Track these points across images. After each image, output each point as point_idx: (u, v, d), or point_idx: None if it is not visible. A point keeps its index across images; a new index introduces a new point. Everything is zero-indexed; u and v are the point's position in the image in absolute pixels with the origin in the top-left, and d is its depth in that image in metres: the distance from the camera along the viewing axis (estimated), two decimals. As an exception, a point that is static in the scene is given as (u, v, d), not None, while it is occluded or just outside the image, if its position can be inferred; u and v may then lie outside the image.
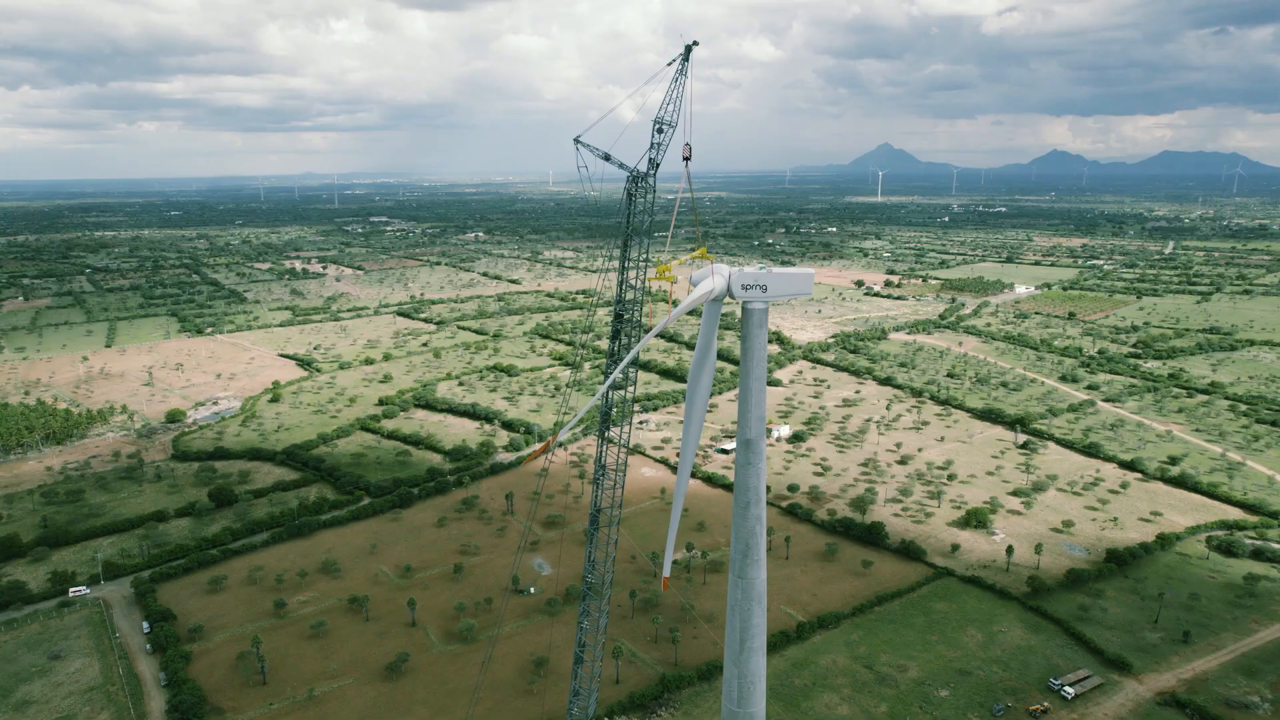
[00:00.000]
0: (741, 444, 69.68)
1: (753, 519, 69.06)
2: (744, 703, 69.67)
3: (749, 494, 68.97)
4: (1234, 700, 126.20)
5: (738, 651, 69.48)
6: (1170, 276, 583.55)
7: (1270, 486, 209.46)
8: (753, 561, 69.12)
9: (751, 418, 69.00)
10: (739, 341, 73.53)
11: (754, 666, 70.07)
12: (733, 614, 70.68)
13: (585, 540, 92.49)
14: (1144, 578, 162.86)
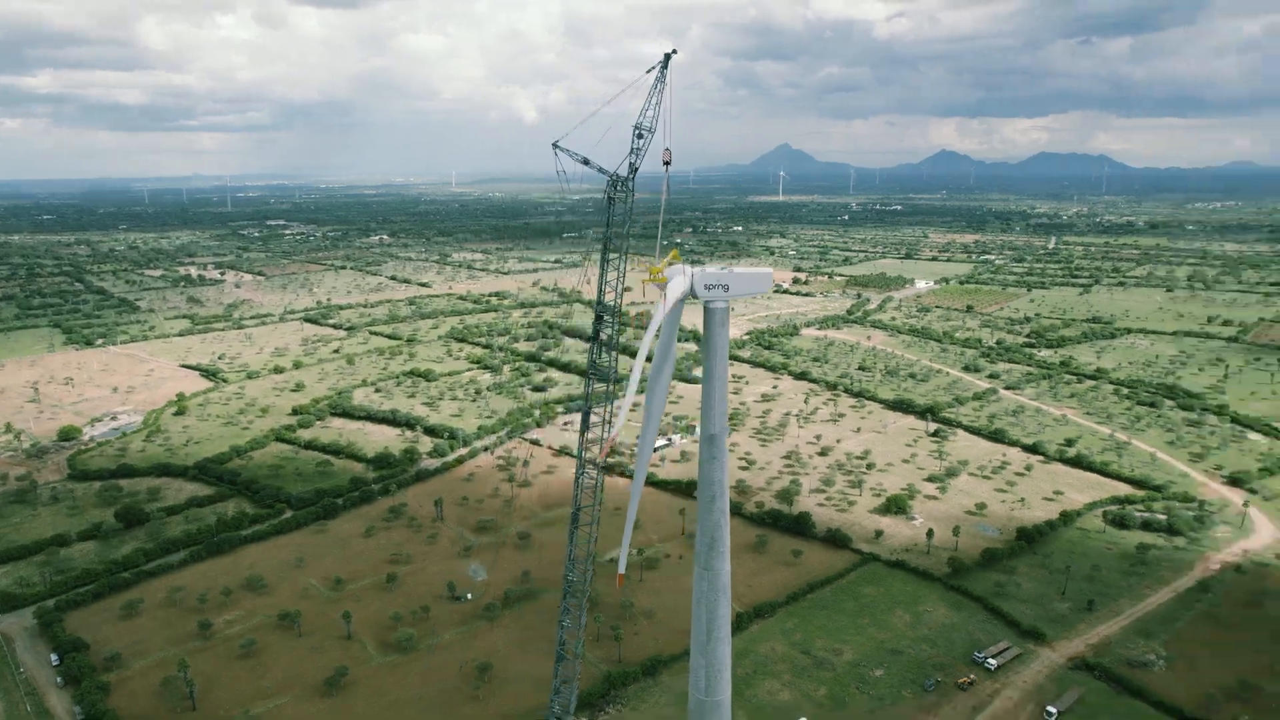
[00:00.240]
0: (705, 439, 71.77)
1: (718, 512, 71.23)
2: (712, 691, 71.76)
3: (714, 488, 71.11)
4: (1134, 660, 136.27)
5: (705, 641, 71.52)
6: (1055, 270, 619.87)
7: (1153, 463, 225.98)
8: (719, 554, 71.31)
9: (715, 413, 71.17)
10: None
11: (721, 655, 72.25)
12: (699, 605, 72.68)
13: (567, 540, 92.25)
14: (1051, 553, 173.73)
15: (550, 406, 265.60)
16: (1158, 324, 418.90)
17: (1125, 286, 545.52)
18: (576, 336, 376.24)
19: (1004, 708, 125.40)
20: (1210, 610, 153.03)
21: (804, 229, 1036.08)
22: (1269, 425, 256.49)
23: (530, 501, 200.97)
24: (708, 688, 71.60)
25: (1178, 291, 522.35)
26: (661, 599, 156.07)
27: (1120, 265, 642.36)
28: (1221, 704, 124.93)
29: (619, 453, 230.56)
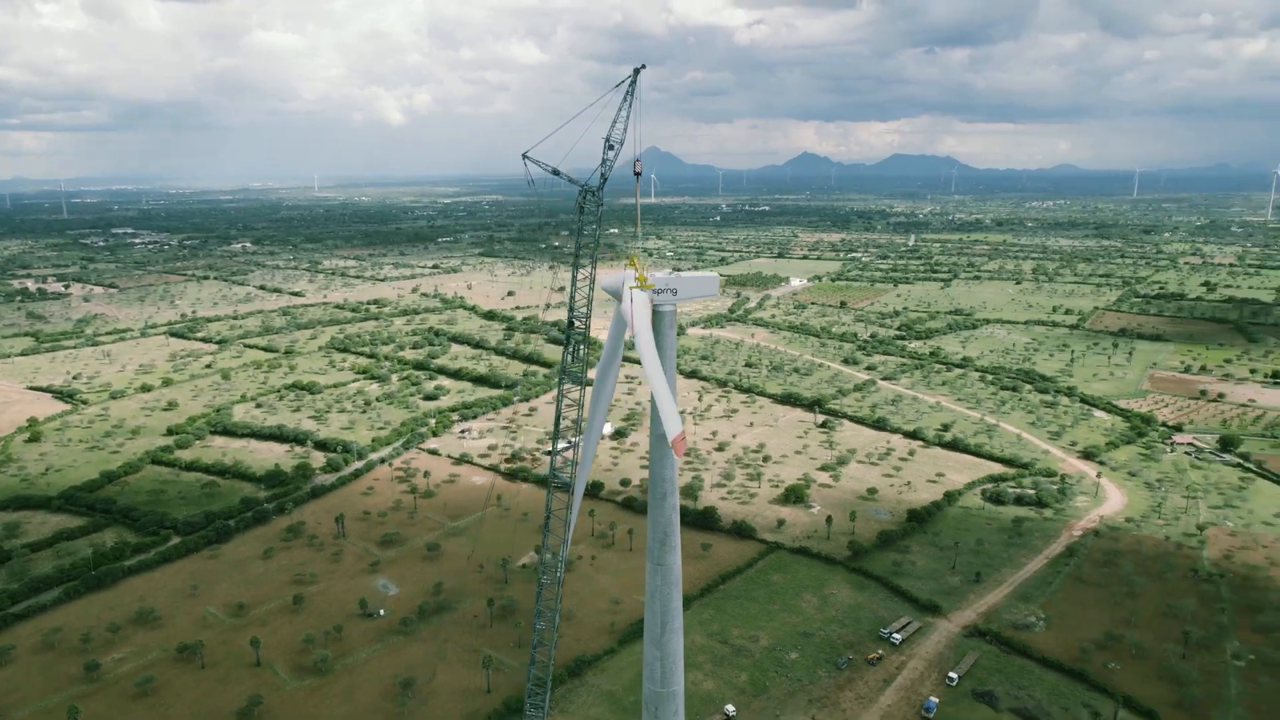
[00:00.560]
0: (657, 438, 73.96)
1: (669, 508, 73.60)
2: (667, 682, 74.15)
3: (665, 485, 73.46)
4: (1019, 623, 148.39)
5: (659, 635, 73.79)
6: (917, 266, 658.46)
7: (1019, 443, 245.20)
8: (670, 549, 73.69)
9: (661, 415, 73.25)
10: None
11: (675, 647, 74.74)
12: (653, 600, 74.87)
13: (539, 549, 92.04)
14: (939, 531, 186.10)
15: (445, 415, 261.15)
16: (1011, 314, 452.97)
17: (980, 280, 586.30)
18: (464, 343, 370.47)
19: (911, 678, 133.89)
20: (1076, 572, 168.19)
21: (678, 230, 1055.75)
22: (1110, 404, 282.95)
23: (434, 512, 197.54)
24: (663, 679, 73.94)
25: (1025, 284, 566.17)
26: (580, 600, 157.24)
27: (974, 260, 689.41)
28: (1093, 654, 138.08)
29: (519, 458, 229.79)
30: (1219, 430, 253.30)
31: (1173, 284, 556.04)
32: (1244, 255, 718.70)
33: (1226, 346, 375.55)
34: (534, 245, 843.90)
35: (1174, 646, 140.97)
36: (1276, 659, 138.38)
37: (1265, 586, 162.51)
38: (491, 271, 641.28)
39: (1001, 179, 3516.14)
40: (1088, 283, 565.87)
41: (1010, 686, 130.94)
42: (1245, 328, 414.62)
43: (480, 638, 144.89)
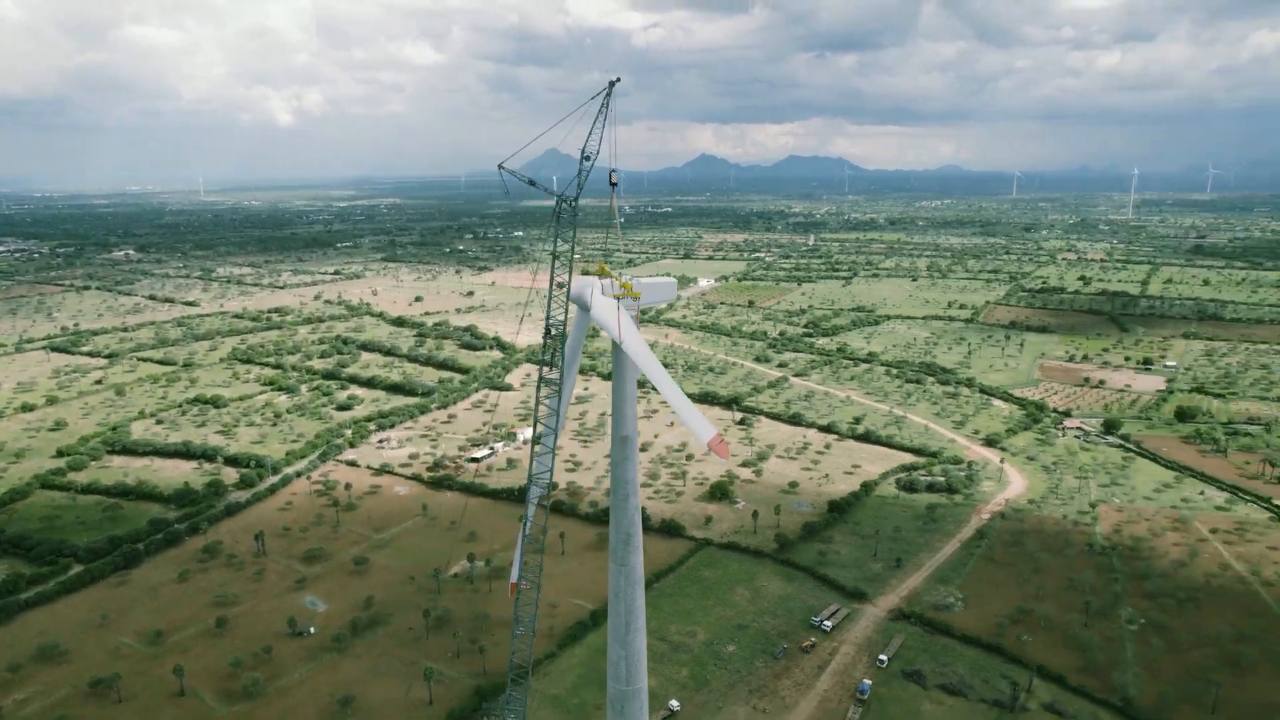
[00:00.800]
0: (618, 440, 75.42)
1: (632, 509, 75.18)
2: (632, 680, 75.63)
3: (628, 486, 74.99)
4: (939, 604, 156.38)
5: (624, 633, 75.20)
6: (819, 265, 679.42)
7: (927, 433, 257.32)
8: (633, 548, 75.28)
9: (627, 416, 74.88)
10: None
11: (638, 645, 76.28)
12: (616, 599, 76.21)
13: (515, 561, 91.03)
14: (859, 520, 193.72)
15: (362, 425, 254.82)
16: (910, 310, 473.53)
17: (879, 278, 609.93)
18: (374, 350, 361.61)
19: (844, 662, 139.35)
20: (987, 553, 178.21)
21: (583, 233, 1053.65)
22: (1006, 393, 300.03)
23: (358, 524, 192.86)
24: (628, 677, 75.38)
25: (921, 280, 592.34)
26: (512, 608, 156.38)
27: (872, 259, 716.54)
28: (1007, 628, 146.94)
29: (443, 466, 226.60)
30: (1102, 414, 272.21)
31: (1053, 279, 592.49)
32: (1112, 251, 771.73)
33: (1103, 336, 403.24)
34: (438, 249, 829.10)
35: (1076, 616, 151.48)
36: (1163, 621, 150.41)
37: (1150, 556, 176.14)
38: (396, 276, 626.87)
39: (891, 179, 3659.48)
40: (978, 278, 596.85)
41: (936, 664, 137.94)
42: (1118, 318, 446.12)
43: (417, 650, 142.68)
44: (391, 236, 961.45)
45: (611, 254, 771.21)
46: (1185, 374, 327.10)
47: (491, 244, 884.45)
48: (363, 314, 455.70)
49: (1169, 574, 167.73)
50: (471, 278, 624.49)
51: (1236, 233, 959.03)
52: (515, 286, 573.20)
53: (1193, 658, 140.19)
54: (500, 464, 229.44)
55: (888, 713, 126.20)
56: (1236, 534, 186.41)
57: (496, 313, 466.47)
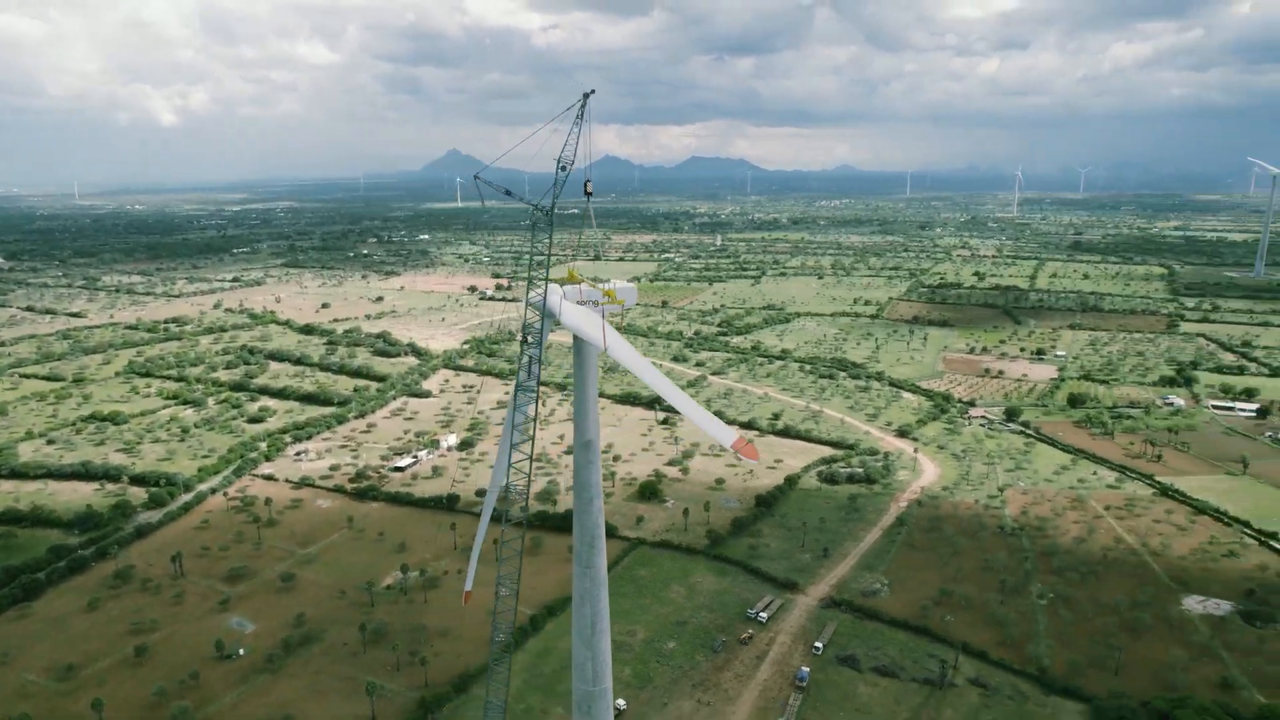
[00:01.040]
0: (581, 445, 76.40)
1: (595, 511, 76.33)
2: (598, 680, 76.83)
3: (591, 489, 76.07)
4: (866, 590, 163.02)
5: (590, 635, 76.32)
6: (727, 265, 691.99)
7: (843, 426, 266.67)
8: (598, 551, 76.46)
9: (589, 421, 75.95)
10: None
11: (604, 646, 77.54)
12: (582, 602, 77.21)
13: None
14: (785, 513, 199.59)
15: (277, 438, 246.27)
16: (818, 307, 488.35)
17: (786, 276, 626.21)
18: (284, 360, 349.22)
19: (781, 652, 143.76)
20: (908, 539, 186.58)
21: (491, 234, 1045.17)
22: (914, 385, 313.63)
23: (282, 540, 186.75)
24: (594, 678, 76.42)
25: (826, 278, 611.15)
26: (453, 615, 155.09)
27: (778, 258, 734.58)
28: (932, 610, 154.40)
29: (365, 476, 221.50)
30: (1003, 403, 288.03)
31: (950, 275, 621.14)
32: (1002, 248, 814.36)
33: (999, 329, 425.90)
34: (341, 254, 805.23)
35: (993, 595, 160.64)
36: (1069, 594, 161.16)
37: (1054, 535, 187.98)
38: (300, 283, 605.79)
39: (791, 179, 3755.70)
40: (880, 276, 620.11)
41: (868, 648, 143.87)
42: (1011, 311, 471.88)
43: (356, 665, 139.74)
44: (291, 241, 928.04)
45: (456, 255, 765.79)
46: (1074, 363, 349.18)
47: (397, 248, 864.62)
48: (268, 322, 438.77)
49: (1071, 550, 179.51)
50: (379, 283, 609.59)
51: (1108, 230, 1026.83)
52: (426, 291, 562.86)
53: (1096, 626, 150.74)
54: (425, 472, 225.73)
55: (826, 697, 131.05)
56: (1126, 509, 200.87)
57: (409, 318, 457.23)
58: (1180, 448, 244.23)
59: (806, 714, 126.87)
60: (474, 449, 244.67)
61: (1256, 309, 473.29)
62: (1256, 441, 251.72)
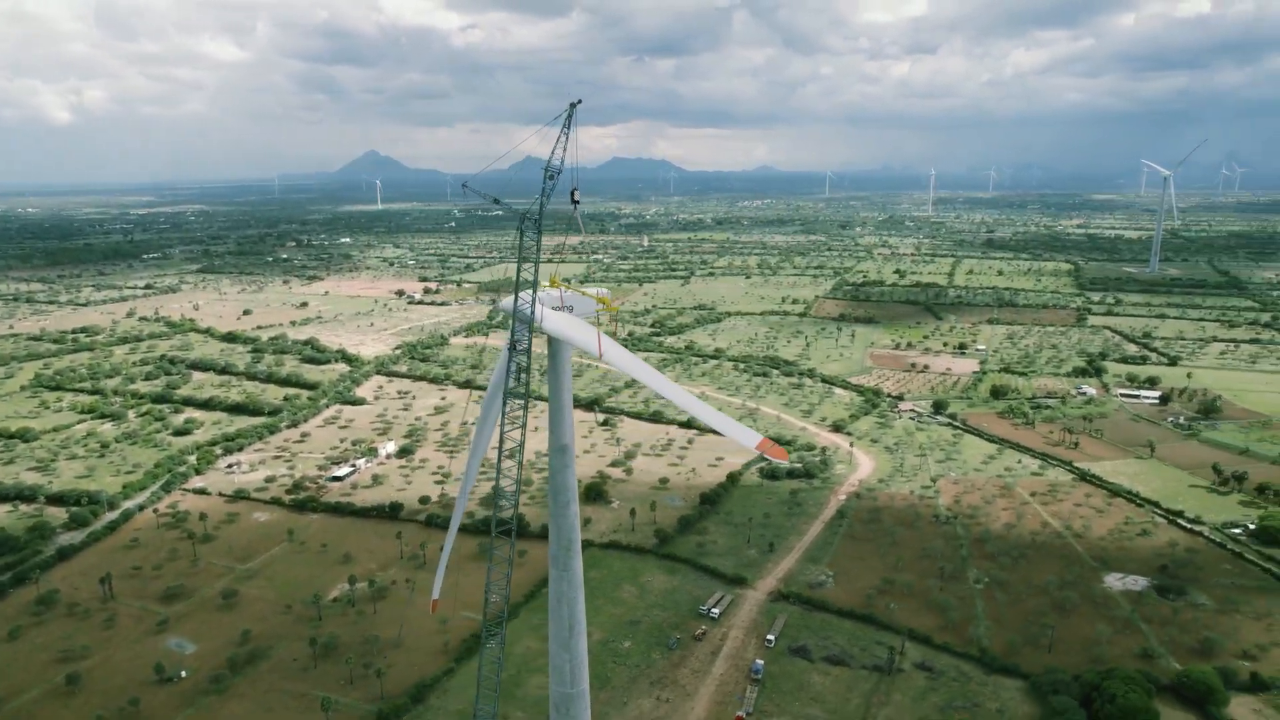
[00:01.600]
0: (557, 449, 77.11)
1: (571, 515, 77.10)
2: (576, 682, 77.66)
3: (567, 493, 76.82)
4: (813, 582, 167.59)
5: (567, 638, 77.09)
6: (656, 265, 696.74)
7: (779, 423, 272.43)
8: (574, 554, 77.27)
9: (564, 425, 76.71)
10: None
11: (581, 648, 78.43)
12: (559, 604, 77.86)
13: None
14: (730, 510, 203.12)
15: (207, 450, 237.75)
16: (747, 306, 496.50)
17: (715, 276, 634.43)
18: (207, 369, 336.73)
19: (735, 646, 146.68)
20: (849, 531, 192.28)
21: (416, 237, 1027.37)
22: (845, 381, 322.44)
23: (220, 556, 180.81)
24: (573, 679, 77.10)
25: (754, 278, 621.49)
26: (405, 625, 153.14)
27: (705, 258, 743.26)
28: (876, 599, 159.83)
29: (303, 487, 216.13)
30: (930, 397, 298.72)
31: (872, 273, 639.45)
32: (920, 246, 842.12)
33: (921, 325, 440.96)
34: (259, 258, 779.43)
35: (933, 581, 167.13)
36: (1003, 578, 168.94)
37: (986, 522, 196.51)
38: (218, 289, 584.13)
39: (713, 180, 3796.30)
40: (806, 274, 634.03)
41: (818, 639, 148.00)
42: (932, 308, 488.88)
43: (307, 681, 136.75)
44: (205, 246, 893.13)
45: (380, 259, 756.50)
46: (994, 356, 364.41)
47: (318, 251, 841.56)
48: (187, 330, 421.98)
49: (1003, 535, 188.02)
50: (302, 288, 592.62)
51: (1018, 228, 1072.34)
52: (351, 296, 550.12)
53: (1029, 606, 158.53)
54: (365, 481, 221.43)
55: (782, 688, 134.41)
56: (1050, 495, 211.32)
57: (336, 324, 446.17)
58: (1094, 434, 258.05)
59: (764, 705, 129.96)
60: (413, 456, 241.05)
61: (1154, 302, 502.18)
62: (1160, 426, 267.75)
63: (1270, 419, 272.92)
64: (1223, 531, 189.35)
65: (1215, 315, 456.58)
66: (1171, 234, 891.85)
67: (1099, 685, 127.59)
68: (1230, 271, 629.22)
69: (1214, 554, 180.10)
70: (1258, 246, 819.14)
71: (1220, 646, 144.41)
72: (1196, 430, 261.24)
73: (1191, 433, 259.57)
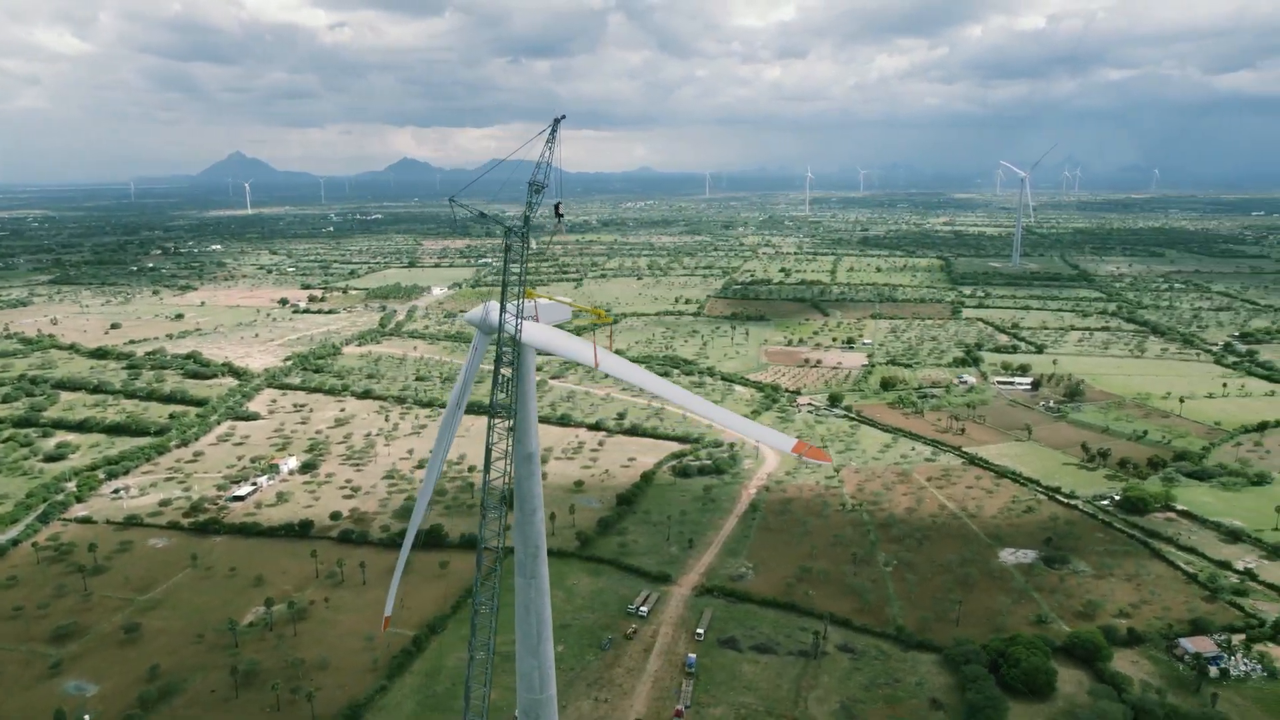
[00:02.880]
0: (523, 458, 77.86)
1: (538, 522, 78.04)
2: (544, 687, 78.69)
3: (534, 500, 77.72)
4: (734, 575, 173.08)
5: (535, 644, 78.00)
6: (547, 268, 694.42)
7: (685, 421, 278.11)
8: (541, 561, 78.25)
9: (530, 433, 77.51)
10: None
11: (548, 653, 79.45)
12: (527, 612, 78.62)
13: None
14: (647, 510, 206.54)
15: (89, 476, 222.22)
16: (642, 307, 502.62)
17: (606, 278, 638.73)
18: (77, 388, 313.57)
19: (666, 643, 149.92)
20: (763, 524, 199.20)
21: (293, 243, 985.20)
22: (743, 378, 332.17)
23: (115, 588, 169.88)
24: (541, 685, 77.83)
25: (645, 279, 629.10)
26: (328, 646, 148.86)
27: (596, 260, 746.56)
28: (795, 587, 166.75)
29: (203, 509, 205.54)
30: (825, 390, 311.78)
31: (759, 272, 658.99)
32: (801, 245, 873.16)
33: (810, 322, 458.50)
34: (122, 268, 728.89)
35: (847, 567, 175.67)
36: (910, 559, 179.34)
37: (889, 507, 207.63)
38: (77, 302, 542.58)
39: (593, 181, 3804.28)
40: (696, 274, 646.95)
41: (744, 629, 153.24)
42: (818, 304, 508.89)
43: (230, 712, 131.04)
44: (56, 255, 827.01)
45: (258, 266, 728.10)
46: (880, 349, 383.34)
47: (187, 259, 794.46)
48: (47, 347, 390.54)
49: (905, 519, 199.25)
50: (174, 298, 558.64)
51: (890, 226, 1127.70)
52: (230, 306, 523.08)
53: (935, 584, 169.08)
54: (269, 499, 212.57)
55: (716, 679, 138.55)
56: (943, 479, 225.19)
57: (218, 336, 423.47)
58: (978, 420, 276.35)
59: (700, 698, 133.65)
60: (318, 471, 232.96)
61: (1018, 295, 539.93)
62: (1034, 410, 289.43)
63: (1123, 399, 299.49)
64: (1094, 504, 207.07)
65: (1071, 306, 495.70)
66: (1027, 231, 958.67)
67: (1004, 652, 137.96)
68: (1079, 266, 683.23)
69: (1088, 525, 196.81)
70: (1099, 242, 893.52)
71: (1101, 608, 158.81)
72: (1065, 413, 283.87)
73: (1061, 415, 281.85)
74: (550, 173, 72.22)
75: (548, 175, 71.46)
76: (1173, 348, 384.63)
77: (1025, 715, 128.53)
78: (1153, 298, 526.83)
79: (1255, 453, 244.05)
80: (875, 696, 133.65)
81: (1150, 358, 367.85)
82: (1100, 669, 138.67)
